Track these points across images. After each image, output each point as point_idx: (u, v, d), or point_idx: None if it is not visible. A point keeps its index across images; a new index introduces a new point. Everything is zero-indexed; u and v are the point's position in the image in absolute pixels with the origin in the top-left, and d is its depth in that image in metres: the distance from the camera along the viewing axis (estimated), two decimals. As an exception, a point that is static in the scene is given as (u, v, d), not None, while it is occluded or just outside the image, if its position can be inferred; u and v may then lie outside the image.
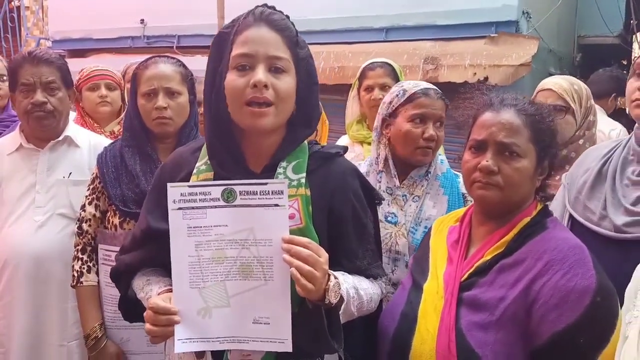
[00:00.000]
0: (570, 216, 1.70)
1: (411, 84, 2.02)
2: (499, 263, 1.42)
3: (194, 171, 1.44)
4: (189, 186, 1.31)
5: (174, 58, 2.10)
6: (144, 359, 1.99)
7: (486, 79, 5.38)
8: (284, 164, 1.41)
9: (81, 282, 2.00)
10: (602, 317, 1.28)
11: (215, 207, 1.28)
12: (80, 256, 2.02)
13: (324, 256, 1.26)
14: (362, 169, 2.04)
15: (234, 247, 1.28)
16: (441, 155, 2.08)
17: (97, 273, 2.02)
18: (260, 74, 1.32)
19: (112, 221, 1.98)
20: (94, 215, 2.02)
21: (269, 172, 1.41)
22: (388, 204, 1.94)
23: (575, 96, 2.21)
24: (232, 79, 1.34)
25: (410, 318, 1.48)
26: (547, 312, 1.30)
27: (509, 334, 1.33)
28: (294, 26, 1.41)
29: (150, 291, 1.40)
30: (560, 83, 2.25)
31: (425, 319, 1.45)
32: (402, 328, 1.48)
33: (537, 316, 1.31)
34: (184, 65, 2.08)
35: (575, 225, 1.69)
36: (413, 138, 1.92)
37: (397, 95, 1.99)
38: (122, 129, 2.27)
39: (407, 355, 1.44)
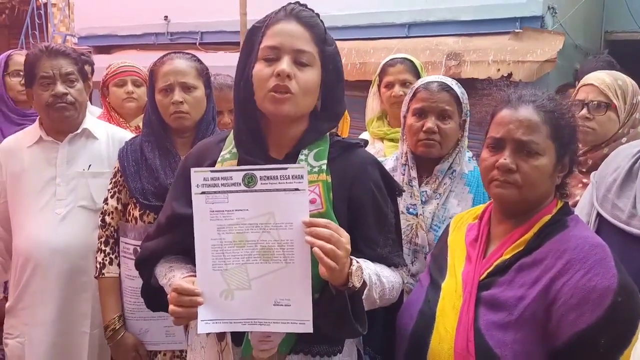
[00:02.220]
0: (598, 215, 1.66)
1: (422, 79, 2.07)
2: (519, 262, 1.39)
3: (219, 159, 1.48)
4: (212, 171, 1.34)
5: (189, 54, 2.14)
6: (162, 349, 2.01)
7: (510, 75, 5.30)
8: (305, 151, 1.45)
9: (103, 274, 2.04)
10: (623, 317, 1.25)
11: (237, 191, 1.31)
12: (103, 248, 2.06)
13: (345, 236, 1.27)
14: (389, 164, 2.09)
15: (255, 231, 1.30)
16: (469, 152, 2.07)
17: (118, 265, 2.05)
18: (285, 64, 1.37)
19: (133, 214, 2.02)
20: (116, 208, 2.06)
21: (291, 159, 1.44)
22: (410, 196, 1.96)
23: (618, 92, 2.12)
24: (259, 68, 1.40)
25: (428, 317, 1.47)
26: (567, 312, 1.28)
27: (528, 334, 1.31)
28: (323, 24, 1.46)
29: (172, 277, 1.43)
30: (602, 78, 2.15)
31: (444, 318, 1.44)
32: (420, 326, 1.47)
33: (556, 316, 1.29)
34: (199, 60, 2.12)
35: (602, 224, 1.64)
36: (414, 132, 1.97)
37: (410, 92, 2.05)
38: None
39: (424, 354, 1.43)
